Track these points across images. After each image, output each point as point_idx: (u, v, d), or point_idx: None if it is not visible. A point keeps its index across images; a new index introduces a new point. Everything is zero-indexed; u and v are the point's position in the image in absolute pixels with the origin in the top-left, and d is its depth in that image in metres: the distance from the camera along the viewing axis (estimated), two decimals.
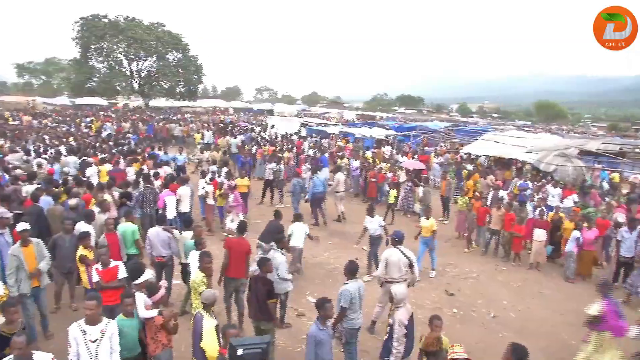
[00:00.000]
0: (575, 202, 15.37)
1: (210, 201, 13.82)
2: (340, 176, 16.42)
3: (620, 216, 12.80)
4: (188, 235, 8.92)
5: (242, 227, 8.68)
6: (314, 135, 30.45)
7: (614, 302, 7.33)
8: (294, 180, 15.94)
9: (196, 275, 6.90)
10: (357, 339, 6.98)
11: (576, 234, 11.65)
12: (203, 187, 14.15)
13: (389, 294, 7.88)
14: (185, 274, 8.63)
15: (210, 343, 5.59)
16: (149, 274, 6.61)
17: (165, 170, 15.02)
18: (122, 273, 7.20)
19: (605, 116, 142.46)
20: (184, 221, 10.36)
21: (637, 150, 21.97)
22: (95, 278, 7.09)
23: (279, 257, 7.93)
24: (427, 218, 11.70)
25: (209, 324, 5.72)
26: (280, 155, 20.55)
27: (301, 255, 11.02)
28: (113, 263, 7.27)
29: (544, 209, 13.27)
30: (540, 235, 12.39)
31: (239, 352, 4.37)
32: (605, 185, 19.06)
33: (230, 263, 8.03)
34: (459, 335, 8.44)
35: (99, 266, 7.17)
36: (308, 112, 68.27)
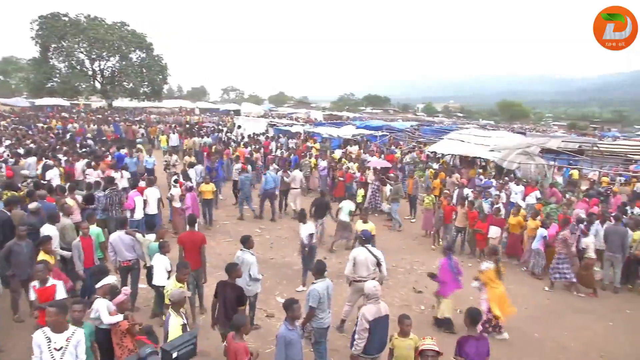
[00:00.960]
0: (537, 199, 15.77)
1: (176, 204, 13.63)
2: (297, 173, 16.67)
3: (582, 212, 13.24)
4: (151, 237, 8.79)
5: (192, 221, 9.30)
6: (281, 135, 30.37)
7: (452, 262, 9.00)
8: (241, 176, 15.98)
9: (172, 285, 6.79)
10: (326, 338, 7.00)
11: (542, 231, 11.83)
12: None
13: (358, 293, 7.96)
14: (151, 277, 8.49)
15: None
16: (111, 278, 6.47)
17: (122, 175, 14.66)
18: (61, 293, 6.67)
19: (566, 115, 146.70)
20: (147, 223, 10.20)
21: (595, 148, 22.69)
22: (32, 297, 6.65)
23: (249, 258, 7.89)
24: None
25: (175, 322, 5.69)
26: (249, 155, 20.46)
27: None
28: (51, 282, 6.71)
29: (500, 207, 13.56)
30: (494, 232, 12.63)
31: (174, 355, 4.35)
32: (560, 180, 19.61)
33: (186, 257, 8.39)
34: (426, 332, 8.55)
35: (36, 283, 6.64)
36: (275, 112, 68.05)
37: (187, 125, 36.01)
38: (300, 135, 29.81)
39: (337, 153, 22.87)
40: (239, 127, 34.27)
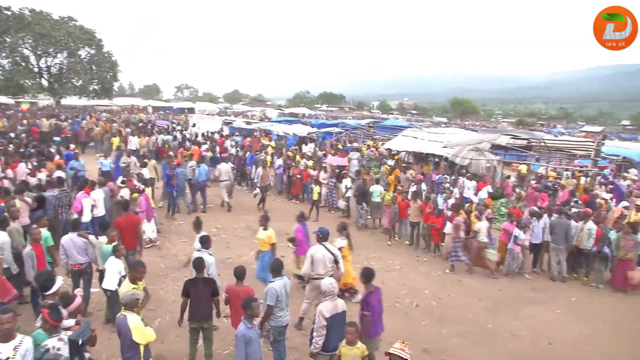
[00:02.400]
0: (489, 193, 16.26)
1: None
2: (224, 166, 17.25)
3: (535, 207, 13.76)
4: (104, 239, 8.54)
5: (125, 205, 10.35)
6: (236, 133, 30.09)
7: (305, 228, 10.48)
8: (177, 170, 15.91)
9: (125, 287, 6.61)
10: (285, 336, 6.99)
11: (517, 232, 11.80)
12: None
13: (316, 290, 7.98)
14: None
15: (142, 333, 5.56)
16: (59, 282, 6.24)
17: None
18: None
19: (514, 112, 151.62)
20: (100, 225, 9.79)
21: (542, 143, 23.52)
22: None
23: (208, 258, 7.80)
24: (265, 228, 9.86)
25: (134, 320, 5.59)
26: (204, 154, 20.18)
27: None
28: None
29: (456, 202, 13.87)
30: (448, 227, 12.88)
31: (80, 341, 4.67)
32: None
33: (124, 238, 9.02)
34: (384, 326, 8.68)
35: None
36: (230, 110, 67.38)
37: (141, 124, 35.13)
38: (255, 133, 29.63)
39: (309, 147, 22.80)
40: (194, 125, 33.77)
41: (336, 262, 8.12)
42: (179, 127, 34.07)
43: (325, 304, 6.12)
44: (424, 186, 16.14)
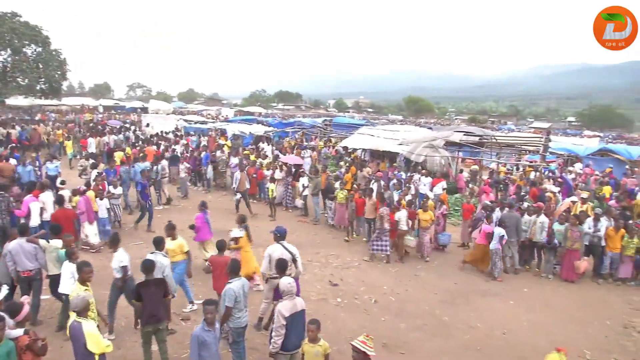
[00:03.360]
0: (443, 189, 16.58)
1: (67, 205, 12.74)
2: (164, 162, 17.47)
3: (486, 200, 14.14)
4: (56, 243, 8.21)
5: (59, 200, 10.90)
6: (192, 133, 29.62)
7: (206, 216, 11.39)
8: (122, 168, 15.99)
9: (75, 289, 6.39)
10: (244, 337, 6.92)
11: (500, 231, 11.76)
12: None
13: (275, 290, 7.93)
14: (54, 286, 7.94)
15: (97, 342, 5.40)
16: (4, 291, 5.97)
17: None
18: None
19: (467, 110, 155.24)
20: (52, 228, 9.38)
21: (494, 140, 24.16)
22: None
23: (163, 260, 7.66)
24: (173, 238, 9.15)
25: (89, 326, 5.42)
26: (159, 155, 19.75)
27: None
28: None
29: (411, 199, 14.10)
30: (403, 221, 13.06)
31: None
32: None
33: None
34: (343, 323, 8.76)
35: None
36: (185, 110, 66.27)
37: (91, 124, 34.09)
38: (211, 133, 29.23)
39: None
40: (147, 125, 33.05)
41: (294, 260, 8.09)
42: (131, 127, 33.29)
43: (284, 303, 6.09)
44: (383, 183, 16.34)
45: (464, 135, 21.74)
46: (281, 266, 7.05)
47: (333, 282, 10.91)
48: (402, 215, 12.66)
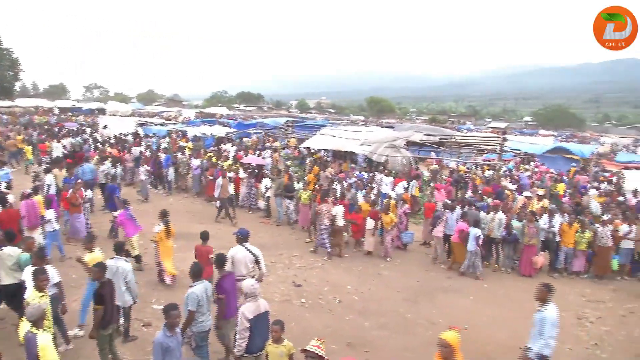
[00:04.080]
0: (405, 189, 16.81)
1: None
2: (106, 166, 17.01)
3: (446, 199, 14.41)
4: (12, 251, 7.85)
5: (2, 200, 10.55)
6: (151, 135, 29.07)
7: (128, 212, 11.51)
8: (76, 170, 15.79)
9: (31, 295, 6.17)
10: (207, 341, 6.83)
11: (476, 231, 11.83)
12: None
13: (238, 292, 7.86)
14: (10, 297, 7.61)
15: (51, 357, 5.23)
16: None
17: None
18: None
19: (427, 110, 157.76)
20: (7, 235, 8.97)
21: (453, 139, 24.69)
22: None
23: (124, 265, 7.50)
24: (90, 250, 8.35)
25: (44, 339, 5.23)
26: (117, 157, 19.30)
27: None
28: None
29: (374, 199, 14.22)
30: (369, 223, 13.19)
31: None
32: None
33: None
34: (308, 324, 8.75)
35: None
36: (144, 111, 65.00)
37: (46, 127, 32.99)
38: (172, 135, 28.75)
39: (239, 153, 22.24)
40: (105, 127, 32.20)
41: (258, 262, 8.04)
42: (88, 130, 32.38)
43: (247, 306, 6.04)
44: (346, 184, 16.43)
45: (425, 135, 22.13)
46: (220, 261, 7.21)
47: (297, 282, 10.90)
48: (338, 210, 13.00)
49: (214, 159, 20.30)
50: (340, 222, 13.04)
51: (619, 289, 11.63)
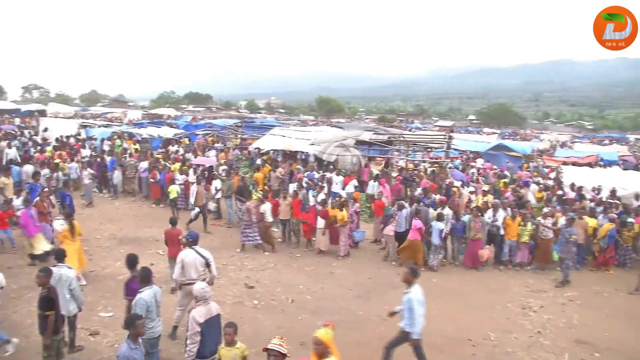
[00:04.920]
0: (355, 187, 16.99)
1: None
2: (45, 171, 16.53)
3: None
4: None
5: None
6: (94, 137, 28.10)
7: (29, 212, 11.35)
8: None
9: None
10: (158, 347, 6.71)
11: (439, 225, 12.30)
12: None
13: (189, 296, 7.75)
14: None
15: None
16: None
17: None
18: None
19: (376, 109, 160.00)
20: None
21: (402, 138, 25.13)
22: None
23: (68, 272, 7.25)
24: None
25: None
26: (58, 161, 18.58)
27: None
28: None
29: (325, 198, 14.29)
30: (320, 223, 13.26)
31: None
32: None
33: None
34: (261, 325, 8.73)
35: None
36: (88, 113, 62.86)
37: None
38: (115, 136, 27.84)
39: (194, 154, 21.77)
40: (45, 129, 30.87)
41: (208, 265, 7.95)
42: (26, 132, 30.95)
43: (198, 309, 5.97)
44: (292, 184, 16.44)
45: (374, 134, 22.44)
46: (130, 262, 7.25)
47: (249, 284, 10.84)
48: (266, 207, 13.29)
49: (162, 161, 19.89)
50: (269, 218, 13.29)
51: (559, 279, 12.20)
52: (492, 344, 8.60)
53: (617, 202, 15.25)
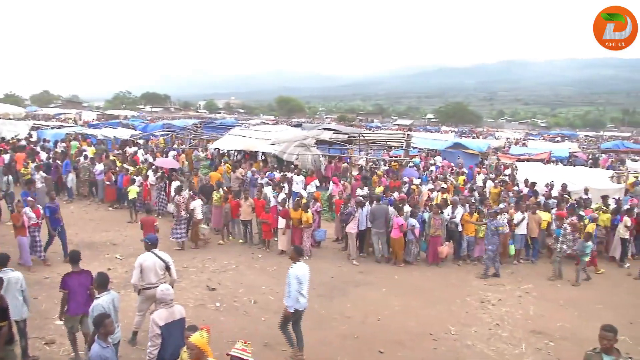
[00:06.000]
0: (317, 187, 17.03)
1: None
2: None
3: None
4: None
5: None
6: (47, 139, 27.20)
7: None
8: None
9: None
10: (117, 353, 6.53)
11: (413, 221, 12.65)
12: None
13: (149, 301, 7.59)
14: None
15: None
16: None
17: None
18: None
19: (336, 109, 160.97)
20: None
21: (362, 137, 25.33)
22: None
23: (15, 275, 7.01)
24: None
25: None
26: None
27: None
28: None
29: (285, 198, 14.27)
30: (281, 223, 13.25)
31: None
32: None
33: None
34: (224, 327, 8.63)
35: None
36: (39, 114, 60.82)
37: None
38: (69, 138, 27.04)
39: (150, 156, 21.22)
40: None
41: (168, 268, 7.80)
42: None
43: (159, 312, 5.87)
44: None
45: (334, 133, 22.55)
46: (73, 257, 7.50)
47: (211, 286, 10.69)
48: (196, 204, 13.51)
49: (118, 163, 19.41)
50: (199, 215, 13.52)
51: (515, 272, 12.56)
52: (452, 337, 8.77)
53: (568, 196, 15.82)
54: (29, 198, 12.11)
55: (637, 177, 19.72)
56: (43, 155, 20.71)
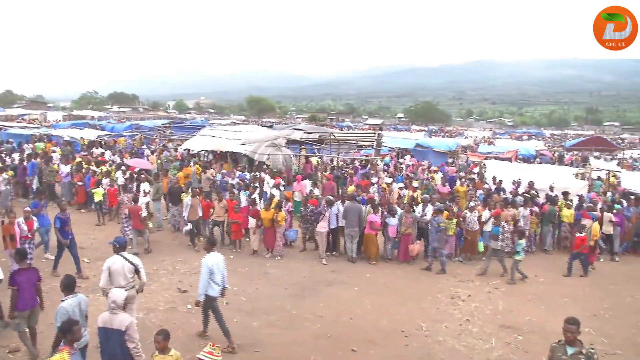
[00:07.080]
0: (284, 187, 16.97)
1: None
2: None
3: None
4: None
5: None
6: (10, 140, 26.46)
7: None
8: None
9: None
10: (85, 358, 6.40)
11: (393, 220, 12.87)
12: None
13: None
14: None
15: None
16: None
17: None
18: None
19: (307, 108, 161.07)
20: None
21: (333, 137, 25.37)
22: None
23: None
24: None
25: None
26: None
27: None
28: None
29: (257, 199, 14.19)
30: (251, 223, 13.18)
31: None
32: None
33: None
34: (195, 330, 8.53)
35: None
36: (2, 115, 59.12)
37: None
38: (35, 139, 26.38)
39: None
40: None
41: (137, 271, 7.67)
42: None
43: (103, 314, 5.87)
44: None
45: (305, 133, 22.53)
46: (20, 255, 7.69)
47: (182, 289, 10.57)
48: (144, 201, 13.85)
49: (85, 165, 18.96)
50: (144, 213, 13.46)
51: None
52: (424, 334, 8.87)
53: (535, 193, 16.14)
54: (26, 208, 11.40)
55: (599, 176, 20.42)
56: (15, 156, 20.12)
